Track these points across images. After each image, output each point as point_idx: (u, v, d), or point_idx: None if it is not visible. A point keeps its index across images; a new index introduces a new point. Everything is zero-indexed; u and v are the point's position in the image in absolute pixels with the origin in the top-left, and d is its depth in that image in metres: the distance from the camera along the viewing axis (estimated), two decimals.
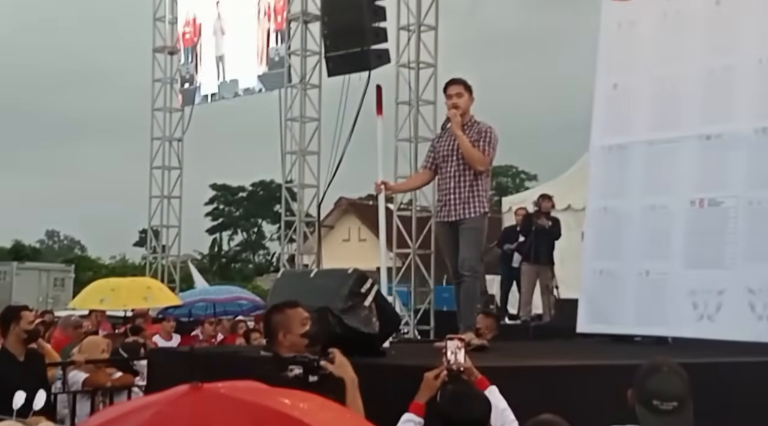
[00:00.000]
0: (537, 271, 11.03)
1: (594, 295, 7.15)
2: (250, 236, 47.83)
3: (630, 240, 6.92)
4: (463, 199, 5.75)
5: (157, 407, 1.80)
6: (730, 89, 6.48)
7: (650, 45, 7.07)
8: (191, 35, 16.42)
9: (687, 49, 6.81)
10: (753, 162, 6.26)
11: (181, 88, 16.67)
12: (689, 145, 6.63)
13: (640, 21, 7.16)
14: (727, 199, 6.36)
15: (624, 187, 7.05)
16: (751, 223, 6.20)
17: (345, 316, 4.72)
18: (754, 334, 5.95)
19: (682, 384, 2.98)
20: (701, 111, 6.65)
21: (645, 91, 7.03)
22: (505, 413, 3.86)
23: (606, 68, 7.34)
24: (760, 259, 6.12)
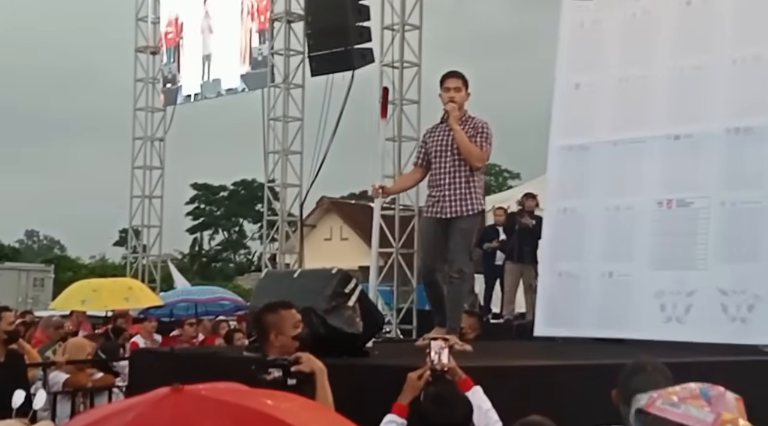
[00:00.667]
0: (520, 269, 11.04)
1: (553, 297, 7.02)
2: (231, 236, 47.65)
3: (592, 241, 6.80)
4: (458, 195, 5.65)
5: (138, 409, 1.78)
6: (701, 89, 6.44)
7: (616, 45, 6.97)
8: (174, 35, 16.35)
9: (656, 49, 6.75)
10: (726, 162, 6.23)
11: (163, 88, 16.59)
12: (656, 146, 6.56)
13: (604, 20, 7.06)
14: (697, 200, 6.31)
15: (585, 187, 6.94)
16: (724, 223, 6.15)
17: (328, 317, 4.70)
18: (727, 336, 5.92)
19: (666, 383, 2.99)
20: (669, 111, 6.59)
21: (610, 91, 6.93)
22: (489, 414, 3.85)
23: (567, 68, 7.22)
24: (733, 259, 6.08)
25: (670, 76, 6.63)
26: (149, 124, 16.84)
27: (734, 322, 6.00)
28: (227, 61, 15.25)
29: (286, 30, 14.43)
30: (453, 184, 5.65)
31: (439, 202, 5.67)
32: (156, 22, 16.77)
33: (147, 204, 16.85)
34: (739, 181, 6.18)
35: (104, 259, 40.57)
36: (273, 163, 14.57)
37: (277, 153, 14.45)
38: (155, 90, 16.79)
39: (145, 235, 17.07)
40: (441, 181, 5.68)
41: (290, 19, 14.35)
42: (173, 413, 1.74)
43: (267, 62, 14.51)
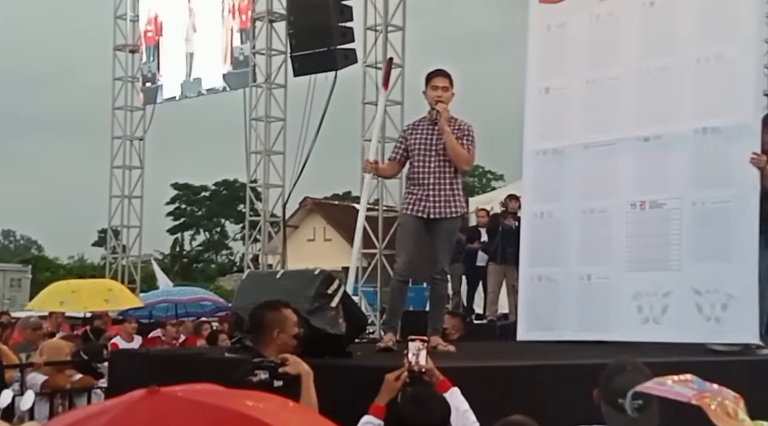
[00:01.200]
0: (503, 271, 11.04)
1: (533, 302, 6.98)
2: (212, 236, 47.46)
3: (569, 245, 6.77)
4: (443, 196, 5.59)
5: (114, 412, 1.76)
6: (668, 90, 6.43)
7: (582, 47, 6.93)
8: (153, 33, 16.26)
9: (621, 51, 6.71)
10: (695, 162, 6.22)
11: (142, 87, 16.49)
12: (627, 148, 6.53)
13: (570, 23, 7.01)
14: (669, 201, 6.30)
15: (560, 191, 6.90)
16: (695, 223, 6.15)
17: (311, 318, 4.66)
18: (702, 336, 5.93)
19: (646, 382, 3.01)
20: (638, 113, 6.56)
21: (579, 94, 6.90)
22: (466, 415, 3.83)
23: (536, 72, 7.16)
24: (705, 259, 6.08)
25: (637, 78, 6.60)
26: (128, 123, 16.75)
27: (709, 322, 6.01)
28: (208, 60, 15.18)
29: (268, 29, 14.38)
30: (437, 185, 5.59)
31: (422, 201, 5.60)
32: (135, 20, 16.68)
33: (127, 204, 16.76)
34: (709, 181, 6.16)
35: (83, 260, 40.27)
36: (255, 164, 14.53)
37: (260, 153, 14.41)
38: (134, 89, 16.69)
39: (125, 235, 16.97)
40: (425, 180, 5.61)
41: (272, 19, 14.31)
42: (149, 416, 1.71)
43: (249, 62, 14.46)
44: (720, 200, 6.08)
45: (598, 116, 6.79)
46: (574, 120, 6.94)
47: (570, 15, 7.03)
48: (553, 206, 6.96)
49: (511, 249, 10.90)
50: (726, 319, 5.93)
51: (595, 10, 6.88)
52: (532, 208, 7.21)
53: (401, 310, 5.90)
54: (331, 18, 12.61)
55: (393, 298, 5.96)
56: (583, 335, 6.42)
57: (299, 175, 13.59)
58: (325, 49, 12.69)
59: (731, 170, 6.06)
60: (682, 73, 6.38)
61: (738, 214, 5.98)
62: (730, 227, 6.02)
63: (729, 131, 6.08)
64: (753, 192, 5.96)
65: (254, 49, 14.47)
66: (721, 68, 6.20)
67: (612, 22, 6.79)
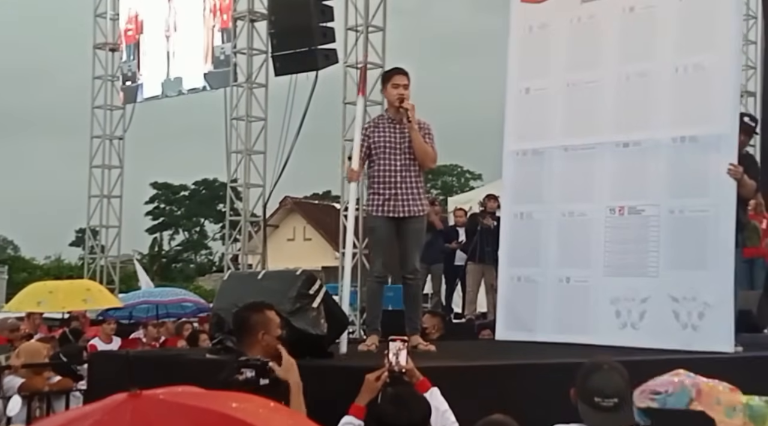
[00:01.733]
0: (482, 270, 11.09)
1: (513, 302, 7.02)
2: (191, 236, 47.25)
3: (548, 246, 6.80)
4: (410, 194, 5.60)
5: (95, 417, 1.75)
6: (646, 96, 6.45)
7: (563, 50, 6.94)
8: (134, 32, 16.17)
9: (602, 55, 6.73)
10: (672, 170, 6.25)
11: (122, 86, 16.40)
12: (606, 152, 6.55)
13: (551, 25, 7.02)
14: (647, 207, 6.33)
15: (540, 192, 6.92)
16: (673, 231, 6.19)
17: (293, 318, 4.67)
18: (679, 343, 5.96)
19: (622, 381, 3.07)
20: (617, 118, 6.58)
21: (559, 96, 6.91)
22: (446, 415, 3.85)
23: (517, 72, 7.17)
24: (682, 266, 6.13)
25: (617, 83, 6.61)
26: (108, 122, 16.65)
27: (686, 329, 6.07)
28: (189, 59, 15.12)
29: (249, 29, 14.35)
30: (404, 183, 5.59)
31: (390, 200, 5.58)
32: (115, 18, 16.58)
33: (105, 203, 16.65)
34: (687, 189, 6.19)
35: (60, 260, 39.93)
36: (236, 163, 14.49)
37: (240, 153, 14.37)
38: (114, 88, 16.60)
39: (104, 235, 16.87)
40: (391, 179, 5.59)
41: (253, 18, 14.28)
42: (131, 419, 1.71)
43: (230, 61, 14.42)
44: (697, 209, 6.12)
45: (579, 119, 6.81)
46: (555, 122, 6.95)
47: (551, 16, 7.04)
48: (532, 207, 6.98)
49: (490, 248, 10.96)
50: (702, 327, 5.99)
51: (576, 13, 6.89)
52: (511, 208, 7.23)
53: (380, 311, 5.92)
54: (312, 18, 12.61)
55: (372, 300, 5.98)
56: (561, 337, 6.45)
57: (280, 174, 13.58)
58: (306, 49, 12.69)
59: (708, 180, 6.09)
60: (660, 80, 6.40)
61: (715, 224, 6.02)
62: (708, 236, 6.05)
63: (706, 141, 6.11)
64: (730, 202, 6.00)
65: (235, 48, 14.43)
66: (699, 77, 6.23)
67: (593, 25, 6.81)
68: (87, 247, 17.30)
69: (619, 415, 2.98)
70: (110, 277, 16.42)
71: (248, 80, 14.29)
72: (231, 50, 14.44)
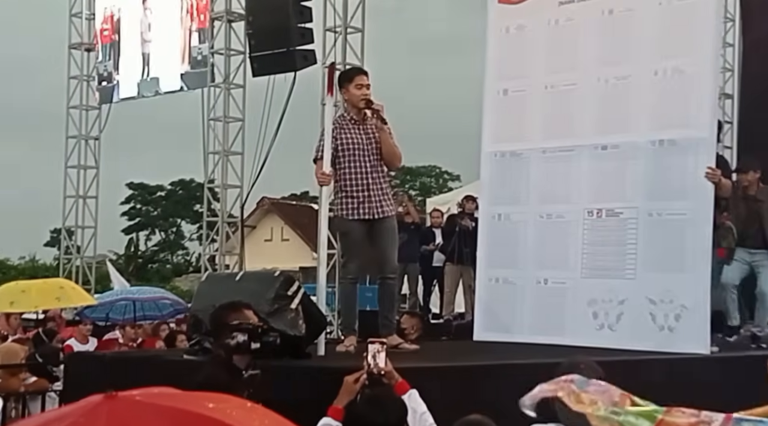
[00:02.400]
0: (460, 271, 11.13)
1: (490, 303, 7.02)
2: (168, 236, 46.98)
3: (526, 248, 6.81)
4: (381, 195, 5.57)
5: (71, 419, 1.74)
6: (626, 100, 6.46)
7: (541, 52, 6.93)
8: (110, 32, 16.08)
9: (580, 57, 6.73)
10: (651, 173, 6.28)
11: (98, 86, 16.30)
12: (585, 155, 6.57)
13: (529, 26, 7.02)
14: (625, 210, 6.35)
15: (518, 194, 6.92)
16: (651, 234, 6.22)
17: (271, 319, 4.66)
18: (655, 344, 6.01)
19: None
20: (596, 120, 6.60)
21: (538, 98, 6.90)
22: (424, 417, 3.85)
23: (495, 73, 7.16)
24: (659, 269, 6.16)
25: (596, 85, 6.61)
26: (83, 122, 16.55)
27: (662, 331, 6.10)
28: (166, 59, 15.06)
29: (226, 29, 14.32)
30: (375, 184, 5.56)
31: (363, 203, 5.53)
32: (91, 18, 16.49)
33: (81, 204, 16.55)
34: (665, 192, 6.22)
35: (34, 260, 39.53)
36: (213, 164, 14.45)
37: (218, 153, 14.33)
38: (90, 88, 16.50)
39: (79, 235, 16.77)
40: (362, 181, 5.54)
41: (231, 19, 14.25)
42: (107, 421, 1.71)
43: (207, 62, 14.38)
44: (675, 212, 6.16)
45: (557, 122, 6.82)
46: (533, 124, 6.96)
47: (529, 18, 7.03)
48: (510, 209, 7.00)
49: (468, 249, 11.01)
50: (679, 329, 6.03)
51: (553, 15, 6.89)
52: (489, 209, 7.24)
53: (356, 312, 5.92)
54: (290, 19, 12.59)
55: (347, 301, 5.96)
56: (538, 338, 6.47)
57: (258, 175, 13.55)
58: (284, 49, 12.67)
59: (687, 183, 6.13)
60: (639, 84, 6.41)
61: (693, 227, 6.07)
62: (685, 239, 6.09)
63: (685, 144, 6.15)
64: (708, 205, 6.06)
65: (213, 49, 14.39)
66: (678, 81, 6.26)
67: (571, 27, 6.81)
68: (62, 248, 17.20)
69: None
70: (86, 277, 16.32)
71: (226, 81, 14.26)
72: (208, 51, 14.40)
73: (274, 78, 13.03)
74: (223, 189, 14.39)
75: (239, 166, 14.31)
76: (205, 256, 15.20)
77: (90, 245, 16.81)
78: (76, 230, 16.71)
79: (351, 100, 5.59)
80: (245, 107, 14.31)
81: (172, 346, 8.75)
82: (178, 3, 14.91)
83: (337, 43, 13.30)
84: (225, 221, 14.40)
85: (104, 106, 16.37)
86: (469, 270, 11.35)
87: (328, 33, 13.36)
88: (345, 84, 5.62)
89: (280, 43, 12.64)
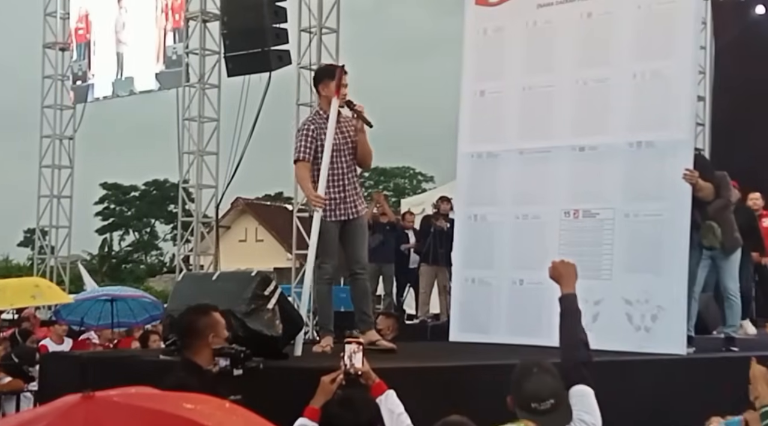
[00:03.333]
0: (435, 271, 11.18)
1: (466, 303, 7.02)
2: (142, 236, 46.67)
3: (502, 248, 6.82)
4: (355, 195, 5.59)
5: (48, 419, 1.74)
6: (604, 102, 6.49)
7: (519, 53, 6.94)
8: (84, 31, 15.98)
9: (558, 60, 6.75)
10: (629, 175, 6.31)
11: (72, 85, 16.19)
12: (562, 156, 6.59)
13: (506, 28, 7.03)
14: (602, 211, 6.38)
15: (495, 195, 6.93)
16: (628, 235, 6.25)
17: (248, 319, 4.67)
18: (632, 345, 6.05)
19: (554, 381, 3.13)
20: (574, 122, 6.61)
21: (515, 100, 6.91)
22: (401, 418, 3.84)
23: (472, 74, 7.16)
24: (636, 270, 6.19)
25: (574, 87, 6.64)
26: (58, 122, 16.43)
27: (639, 332, 6.13)
28: (141, 59, 14.99)
29: (201, 29, 14.27)
30: (350, 184, 5.57)
31: (339, 204, 5.53)
32: (65, 17, 16.37)
33: (55, 204, 16.43)
34: (642, 193, 6.25)
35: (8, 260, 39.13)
36: (188, 164, 14.40)
37: (192, 153, 14.28)
38: (64, 87, 16.38)
39: (53, 235, 16.64)
40: (339, 181, 5.52)
41: (206, 19, 14.20)
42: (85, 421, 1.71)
43: (182, 61, 14.33)
44: (653, 213, 6.19)
45: (534, 123, 6.83)
46: (510, 125, 6.96)
47: (506, 20, 7.03)
48: (486, 209, 7.01)
49: (443, 250, 11.06)
50: (655, 330, 6.06)
51: (531, 17, 6.90)
52: (465, 210, 7.26)
53: (332, 312, 5.94)
54: (265, 19, 12.57)
55: (323, 302, 5.95)
56: (514, 339, 6.46)
57: (233, 175, 13.52)
58: (259, 49, 12.65)
59: (664, 184, 6.16)
60: (618, 86, 6.44)
61: (670, 228, 6.11)
62: (662, 240, 6.13)
63: (663, 146, 6.18)
64: (685, 207, 6.09)
65: (187, 48, 14.34)
66: (656, 84, 6.29)
67: (549, 30, 6.82)
68: (36, 248, 17.06)
69: (557, 415, 3.04)
70: (60, 277, 16.20)
71: (201, 81, 14.21)
72: (183, 50, 14.35)
73: (249, 78, 13.01)
74: (198, 189, 14.34)
75: (214, 166, 14.27)
76: (179, 256, 15.14)
77: (64, 245, 16.70)
78: (50, 230, 16.59)
79: (329, 98, 5.48)
80: (220, 107, 14.28)
81: (145, 347, 8.73)
82: (153, 2, 14.84)
83: (312, 44, 13.30)
84: (200, 221, 14.35)
85: (79, 105, 16.26)
86: (444, 271, 11.41)
87: (303, 33, 13.36)
88: (325, 80, 5.51)
89: (255, 43, 12.62)
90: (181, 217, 14.85)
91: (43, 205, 16.46)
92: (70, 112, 16.42)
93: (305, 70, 13.21)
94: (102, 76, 15.64)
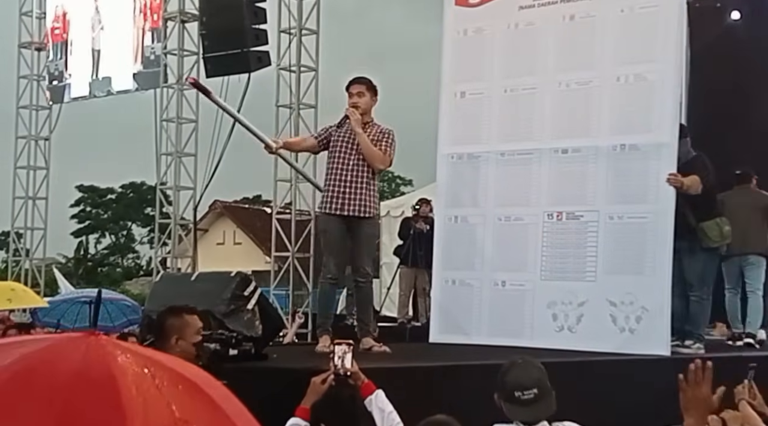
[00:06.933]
0: (414, 273, 11.18)
1: (447, 305, 7.01)
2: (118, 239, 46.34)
3: (484, 250, 6.82)
4: (359, 195, 5.66)
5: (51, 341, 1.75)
6: (587, 105, 6.51)
7: (500, 55, 6.95)
8: (61, 31, 15.82)
9: (540, 62, 6.75)
10: (612, 177, 6.34)
11: (49, 86, 16.03)
12: (544, 158, 6.61)
13: (487, 29, 7.03)
14: (586, 213, 6.41)
15: (476, 197, 6.94)
16: (611, 237, 6.28)
17: (227, 320, 4.65)
18: (616, 346, 6.07)
19: (539, 372, 3.12)
20: (556, 125, 6.63)
21: (496, 101, 6.92)
22: (391, 416, 3.88)
23: (452, 75, 7.16)
24: (620, 271, 6.23)
25: (557, 90, 6.65)
26: (33, 122, 16.26)
27: (623, 333, 6.16)
28: (118, 59, 14.87)
29: (179, 30, 14.18)
30: (354, 183, 5.65)
31: (338, 198, 5.64)
32: (41, 17, 16.21)
33: (31, 205, 16.26)
34: (626, 196, 6.29)
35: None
36: (166, 166, 14.29)
37: (170, 155, 14.18)
38: (40, 87, 16.21)
39: (28, 237, 16.47)
40: (343, 177, 5.67)
41: (184, 19, 14.11)
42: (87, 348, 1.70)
43: (160, 62, 14.23)
44: (637, 215, 6.23)
45: (516, 125, 6.83)
46: (491, 126, 6.96)
47: (487, 21, 7.02)
48: (467, 211, 7.00)
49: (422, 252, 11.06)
50: (639, 331, 6.09)
51: (513, 19, 6.90)
52: (445, 212, 7.24)
53: (332, 312, 5.95)
54: (244, 20, 12.50)
55: (324, 301, 5.98)
56: (496, 340, 6.46)
57: (211, 177, 13.42)
58: (238, 50, 12.58)
59: (648, 187, 6.20)
60: (601, 89, 6.47)
61: (654, 230, 6.15)
62: (646, 242, 6.17)
63: (647, 149, 6.22)
64: (669, 209, 6.13)
65: (166, 49, 14.24)
66: (639, 87, 6.33)
67: (531, 32, 6.82)
68: (11, 250, 16.88)
69: (541, 406, 3.01)
70: (35, 280, 16.03)
71: (179, 81, 14.12)
72: (161, 50, 14.25)
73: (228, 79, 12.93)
74: (176, 191, 14.24)
75: (192, 168, 14.18)
76: (156, 259, 15.03)
77: (39, 248, 16.53)
78: (25, 232, 16.41)
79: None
80: (199, 108, 14.19)
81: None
82: (130, 2, 14.73)
83: (291, 45, 13.26)
84: (177, 224, 14.25)
85: (55, 106, 16.10)
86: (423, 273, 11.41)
87: (282, 34, 13.31)
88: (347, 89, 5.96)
89: (234, 44, 12.55)
90: (158, 219, 14.73)
91: (18, 206, 16.29)
92: (46, 112, 16.26)
93: (285, 72, 13.16)
94: (79, 76, 15.50)
